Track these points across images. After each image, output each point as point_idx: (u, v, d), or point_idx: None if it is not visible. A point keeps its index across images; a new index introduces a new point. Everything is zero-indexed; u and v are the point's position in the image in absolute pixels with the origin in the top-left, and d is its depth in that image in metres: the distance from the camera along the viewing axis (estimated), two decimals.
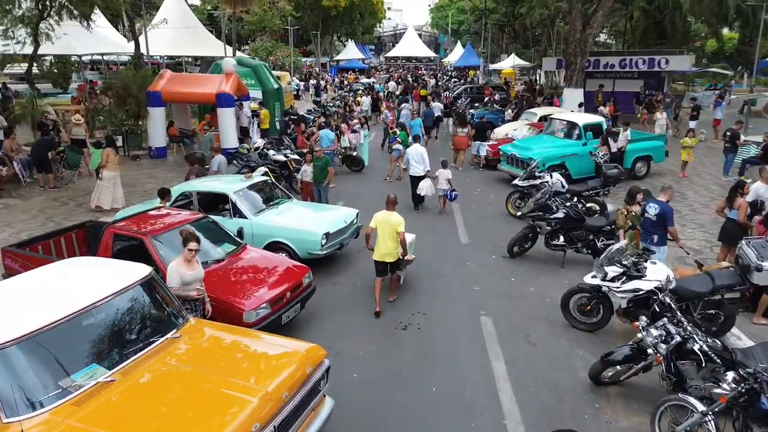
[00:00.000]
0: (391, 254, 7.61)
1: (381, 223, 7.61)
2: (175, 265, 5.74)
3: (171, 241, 6.77)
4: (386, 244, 7.57)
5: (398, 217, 7.65)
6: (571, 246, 9.40)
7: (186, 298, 5.66)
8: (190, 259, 5.80)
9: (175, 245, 6.73)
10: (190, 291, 5.73)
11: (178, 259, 5.82)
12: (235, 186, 9.17)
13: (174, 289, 5.53)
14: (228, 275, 6.67)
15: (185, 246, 5.77)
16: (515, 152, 14.74)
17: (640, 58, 27.82)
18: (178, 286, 5.62)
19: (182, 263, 5.77)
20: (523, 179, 11.77)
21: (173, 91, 17.77)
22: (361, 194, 13.98)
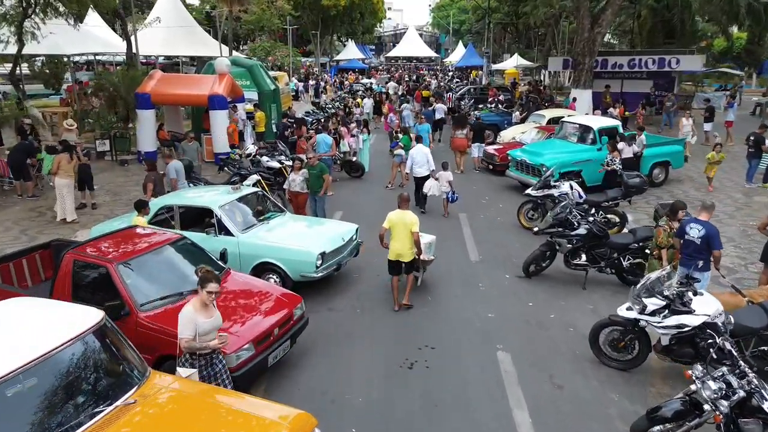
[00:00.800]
0: (405, 254, 7.52)
1: (395, 223, 7.52)
2: (190, 311, 4.67)
3: (142, 268, 5.87)
4: (401, 244, 7.48)
5: (412, 216, 7.54)
6: (593, 265, 8.48)
7: (199, 351, 4.67)
8: (208, 304, 4.76)
9: (146, 273, 5.83)
10: (206, 342, 4.69)
11: (193, 303, 4.76)
12: (221, 199, 8.25)
13: (186, 341, 4.57)
14: None
15: (202, 288, 4.69)
16: (525, 158, 13.82)
17: (649, 58, 26.91)
18: (192, 337, 4.62)
19: (198, 309, 4.72)
20: (537, 189, 10.86)
21: (163, 93, 16.86)
22: (361, 203, 13.06)
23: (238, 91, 18.59)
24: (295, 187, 10.59)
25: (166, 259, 6.15)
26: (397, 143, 14.58)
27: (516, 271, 9.03)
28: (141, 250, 6.01)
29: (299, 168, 10.65)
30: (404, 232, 7.44)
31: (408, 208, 7.67)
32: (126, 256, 5.83)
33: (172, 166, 10.83)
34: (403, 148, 14.45)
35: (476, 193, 14.13)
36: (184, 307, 4.75)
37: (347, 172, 15.60)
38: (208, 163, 17.07)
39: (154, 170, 10.27)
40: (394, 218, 7.54)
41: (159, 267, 6.04)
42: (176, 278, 6.01)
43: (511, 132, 19.63)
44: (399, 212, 7.56)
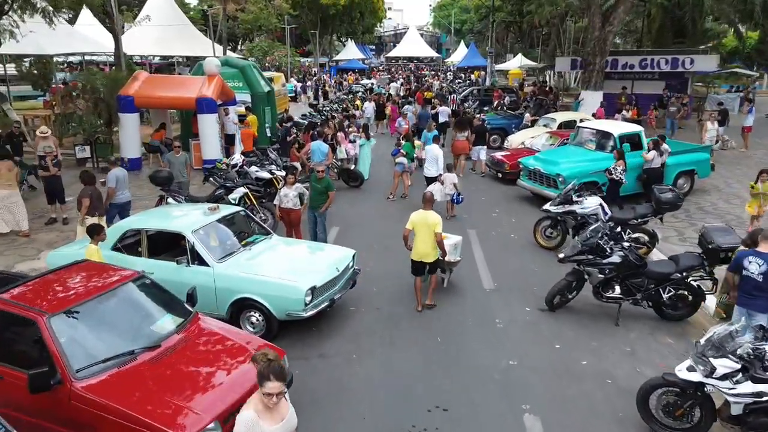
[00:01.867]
0: (428, 255, 7.43)
1: (418, 224, 7.39)
2: (250, 418, 3.32)
3: (84, 319, 4.70)
4: (424, 245, 7.39)
5: (435, 217, 7.40)
6: (628, 297, 7.31)
7: None
8: (272, 406, 3.39)
9: (89, 327, 4.67)
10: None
11: (254, 404, 3.40)
12: (195, 222, 7.06)
13: None
14: (161, 373, 4.54)
15: (261, 386, 3.33)
16: (539, 167, 12.65)
17: (662, 58, 25.75)
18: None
19: (262, 412, 3.37)
20: (557, 204, 9.68)
21: (148, 96, 15.71)
22: (359, 217, 11.88)
23: (229, 93, 17.43)
24: (287, 203, 9.40)
25: (116, 305, 4.97)
26: (398, 150, 13.41)
27: (537, 301, 7.85)
28: (84, 296, 4.84)
29: (293, 182, 9.47)
30: (427, 232, 7.30)
31: (431, 208, 7.52)
32: (62, 305, 4.65)
33: (113, 173, 9.71)
34: (405, 156, 13.31)
35: (485, 205, 12.95)
36: (242, 411, 3.38)
37: (345, 181, 14.43)
38: (197, 170, 15.92)
39: (92, 184, 9.05)
40: (417, 219, 7.39)
41: (106, 317, 4.86)
42: (128, 331, 4.85)
43: (520, 136, 18.46)
44: (422, 212, 7.42)
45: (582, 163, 12.26)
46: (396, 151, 13.56)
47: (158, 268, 6.91)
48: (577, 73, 42.84)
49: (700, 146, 14.09)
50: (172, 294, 5.49)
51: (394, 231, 10.94)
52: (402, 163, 13.19)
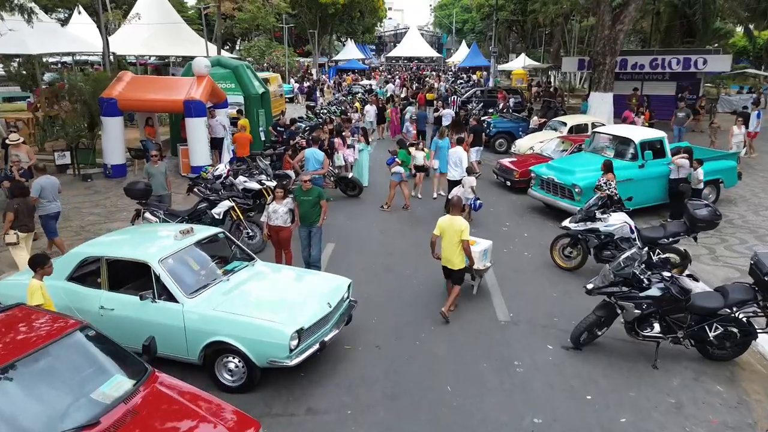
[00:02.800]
0: (452, 261, 7.23)
1: (445, 229, 7.22)
2: None
3: (3, 392, 3.67)
4: (450, 251, 7.22)
5: (462, 222, 7.21)
6: (668, 335, 6.29)
7: None
8: None
9: (7, 402, 3.65)
10: None
11: None
12: (163, 249, 6.04)
13: None
14: None
15: None
16: (553, 176, 11.63)
17: (673, 58, 24.73)
18: None
19: None
20: (578, 221, 8.66)
21: (132, 98, 14.70)
22: (359, 230, 10.86)
23: (219, 94, 16.45)
24: (276, 220, 8.38)
25: (46, 369, 3.94)
26: (393, 159, 12.43)
27: (560, 337, 6.84)
28: (7, 356, 3.82)
29: (282, 196, 8.45)
30: (454, 238, 7.11)
31: (459, 213, 7.35)
32: None
33: (38, 182, 8.77)
34: (401, 164, 12.32)
35: (494, 217, 11.93)
36: None
37: (342, 190, 13.42)
38: (185, 177, 14.92)
39: (23, 195, 8.07)
40: (444, 224, 7.23)
41: (31, 386, 3.83)
42: (58, 404, 3.82)
43: (528, 141, 17.46)
44: (449, 218, 7.28)
45: (600, 172, 11.21)
46: (391, 159, 12.55)
47: (119, 303, 5.91)
48: (582, 74, 41.90)
49: (726, 153, 13.06)
50: (122, 348, 4.46)
51: (396, 247, 9.96)
52: (399, 172, 12.23)
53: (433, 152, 12.74)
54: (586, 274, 8.79)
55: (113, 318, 5.88)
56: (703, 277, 8.71)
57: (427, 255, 9.30)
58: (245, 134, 14.83)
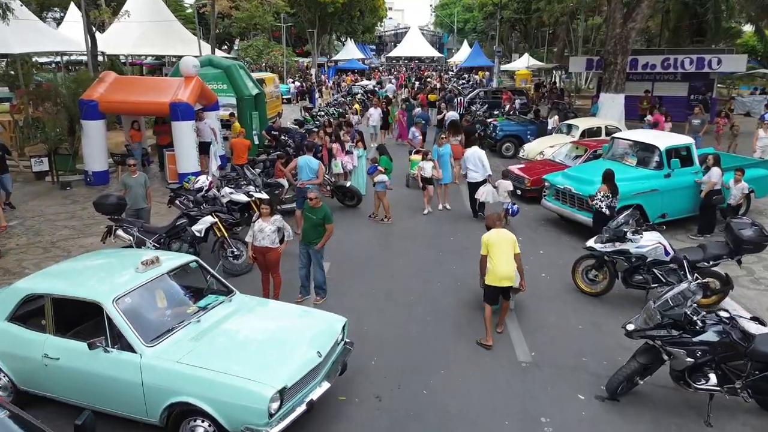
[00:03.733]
0: (510, 277, 6.63)
1: (498, 243, 6.62)
2: None
3: None
4: (507, 266, 6.58)
5: (512, 234, 6.81)
6: (724, 386, 5.28)
7: None
8: None
9: None
10: None
11: None
12: (120, 284, 5.02)
13: None
14: None
15: None
16: (570, 186, 10.61)
17: (686, 58, 23.73)
18: None
19: None
20: (604, 241, 7.64)
21: (114, 100, 13.69)
22: (358, 247, 9.84)
23: (210, 96, 15.44)
24: (262, 241, 7.37)
25: None
26: (376, 167, 11.43)
27: (591, 383, 5.82)
28: None
29: (269, 213, 7.43)
30: (510, 251, 6.61)
31: (502, 226, 6.91)
32: None
33: None
34: (385, 172, 11.34)
35: None
36: None
37: (339, 200, 12.40)
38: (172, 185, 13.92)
39: None
40: (496, 239, 6.61)
41: None
42: None
43: (537, 145, 16.45)
44: (497, 231, 6.71)
45: (623, 182, 10.18)
46: (372, 168, 11.54)
47: (66, 351, 4.91)
48: (587, 74, 40.87)
49: (756, 161, 12.05)
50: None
51: (398, 268, 8.93)
52: (382, 181, 11.23)
53: (435, 162, 11.73)
54: (613, 300, 7.80)
55: (59, 369, 4.88)
56: (745, 305, 7.72)
57: (432, 279, 8.41)
58: (243, 140, 13.72)
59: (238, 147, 13.48)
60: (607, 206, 9.21)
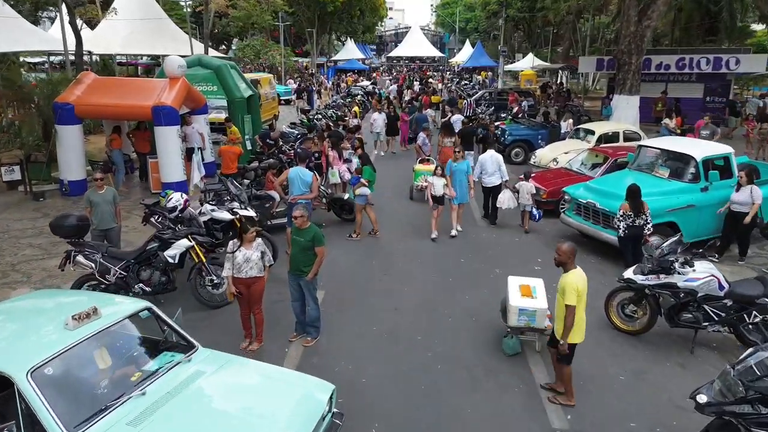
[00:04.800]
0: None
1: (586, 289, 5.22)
2: None
3: None
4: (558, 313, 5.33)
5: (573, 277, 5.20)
6: None
7: None
8: None
9: None
10: None
11: None
12: (38, 350, 3.85)
13: None
14: None
15: None
16: (594, 201, 9.47)
17: (702, 58, 22.60)
18: None
19: None
20: (647, 272, 6.49)
21: (92, 103, 12.55)
22: (356, 270, 8.69)
23: (197, 99, 14.32)
24: (250, 271, 6.25)
25: None
26: (358, 179, 10.29)
27: None
28: None
29: (252, 239, 6.31)
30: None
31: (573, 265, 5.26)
32: None
33: None
34: (368, 185, 10.18)
35: (521, 250, 9.76)
36: None
37: (336, 214, 11.26)
38: (155, 194, 12.80)
39: None
40: (584, 283, 5.20)
41: None
42: None
43: (550, 152, 15.29)
44: (580, 273, 5.24)
45: (654, 197, 9.05)
46: (355, 179, 10.39)
47: None
48: (595, 75, 39.74)
49: None
50: None
51: (403, 299, 7.77)
52: (364, 194, 10.12)
53: (448, 177, 10.26)
54: (656, 341, 6.67)
55: None
56: None
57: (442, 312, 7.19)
58: (234, 148, 12.53)
59: (227, 155, 12.32)
60: (626, 227, 8.16)
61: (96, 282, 7.21)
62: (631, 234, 8.26)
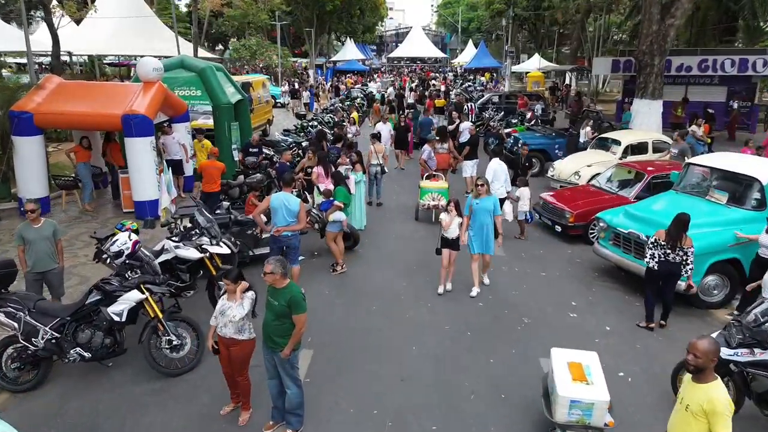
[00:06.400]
0: None
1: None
2: None
3: None
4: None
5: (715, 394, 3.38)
6: None
7: None
8: None
9: None
10: None
11: None
12: None
13: None
14: None
15: None
16: (638, 232, 7.90)
17: (727, 59, 21.04)
18: None
19: None
20: (736, 344, 4.93)
21: (54, 112, 11.00)
22: (352, 318, 7.10)
23: (177, 105, 12.83)
24: (224, 329, 4.85)
25: None
26: (330, 203, 8.56)
27: None
28: None
29: (234, 290, 4.82)
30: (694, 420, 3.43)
31: (713, 376, 3.48)
32: None
33: None
34: (343, 209, 8.53)
35: (549, 288, 8.18)
36: None
37: None
38: (128, 214, 11.26)
39: None
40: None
41: None
42: None
43: (570, 164, 13.69)
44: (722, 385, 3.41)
45: (714, 227, 7.50)
46: (327, 204, 8.59)
47: None
48: (605, 77, 38.16)
49: None
50: None
51: (409, 363, 6.08)
52: (338, 220, 8.47)
53: (467, 218, 7.83)
54: (744, 426, 5.08)
55: None
56: None
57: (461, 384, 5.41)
58: (215, 162, 10.97)
59: (208, 171, 10.77)
60: (657, 260, 6.68)
61: (22, 345, 5.66)
62: (662, 270, 6.74)
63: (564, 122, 24.14)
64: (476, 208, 7.74)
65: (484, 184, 7.85)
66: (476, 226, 7.75)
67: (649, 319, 7.03)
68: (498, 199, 7.93)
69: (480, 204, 7.73)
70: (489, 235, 7.74)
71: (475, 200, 7.81)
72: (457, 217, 7.65)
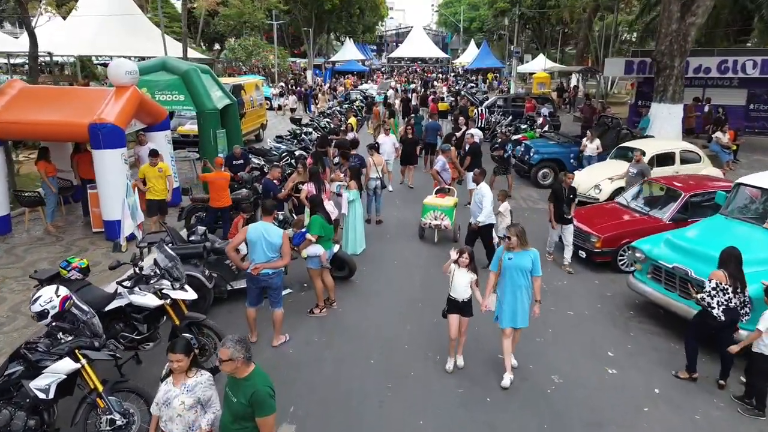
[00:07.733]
0: None
1: None
2: None
3: None
4: None
5: None
6: None
7: None
8: None
9: None
10: None
11: None
12: None
13: None
14: None
15: None
16: (686, 268, 6.64)
17: (749, 60, 19.81)
18: None
19: None
20: None
21: (13, 121, 9.77)
22: (347, 375, 5.82)
23: (155, 112, 11.59)
24: (170, 424, 3.75)
25: None
26: (303, 234, 7.01)
27: None
28: None
29: (183, 368, 3.72)
30: None
31: None
32: None
33: None
34: (318, 241, 6.97)
35: (578, 332, 6.92)
36: None
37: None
38: (97, 234, 10.05)
39: None
40: None
41: None
42: None
43: (589, 176, 12.43)
44: None
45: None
46: (299, 237, 7.01)
47: None
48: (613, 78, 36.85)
49: None
50: None
51: None
52: (315, 255, 6.98)
53: (494, 276, 5.78)
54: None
55: None
56: None
57: None
58: (222, 173, 9.73)
59: (217, 183, 9.53)
60: (724, 309, 5.52)
61: None
62: (726, 319, 5.54)
63: (570, 126, 22.91)
64: (508, 265, 5.57)
65: (517, 235, 5.53)
66: (508, 289, 5.62)
67: (691, 369, 5.86)
68: (537, 253, 5.67)
69: (513, 260, 5.56)
70: (524, 303, 5.63)
71: (507, 254, 5.62)
72: (469, 273, 5.69)
